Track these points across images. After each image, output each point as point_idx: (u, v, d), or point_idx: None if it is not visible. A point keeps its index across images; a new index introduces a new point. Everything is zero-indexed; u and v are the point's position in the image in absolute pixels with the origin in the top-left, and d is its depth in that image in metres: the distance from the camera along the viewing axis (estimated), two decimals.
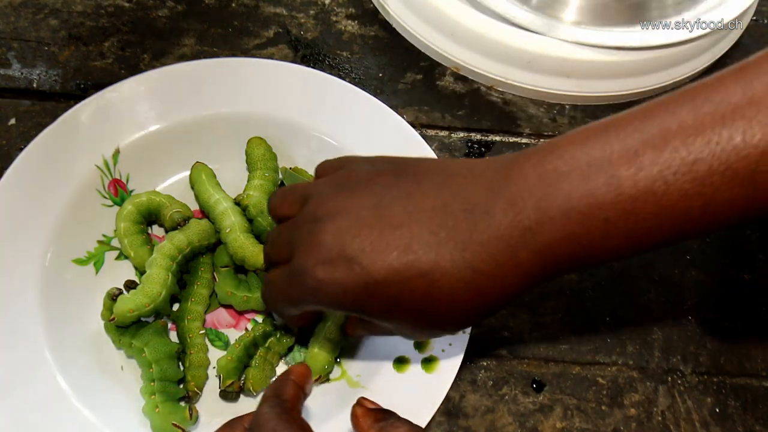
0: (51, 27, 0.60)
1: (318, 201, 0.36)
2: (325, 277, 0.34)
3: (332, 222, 0.34)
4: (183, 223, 0.48)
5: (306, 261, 0.35)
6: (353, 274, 0.33)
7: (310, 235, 0.35)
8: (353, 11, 0.64)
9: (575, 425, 0.46)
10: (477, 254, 0.32)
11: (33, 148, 0.48)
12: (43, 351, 0.43)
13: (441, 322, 0.35)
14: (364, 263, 0.33)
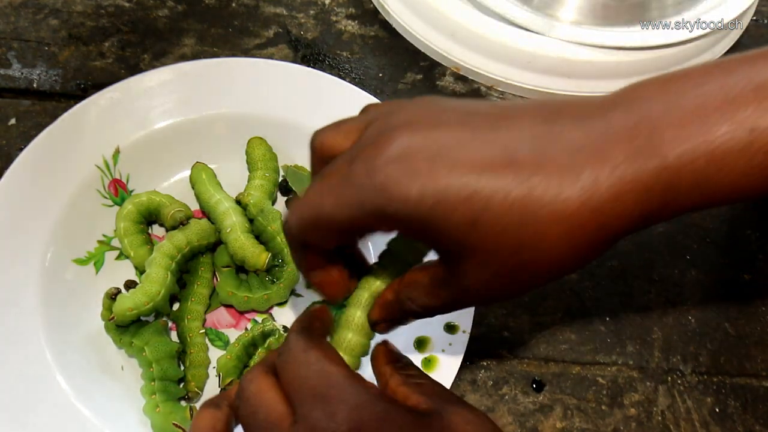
0: (51, 27, 0.61)
1: (386, 117, 0.30)
2: (398, 173, 0.27)
3: (409, 126, 0.28)
4: (185, 223, 0.48)
5: (375, 157, 0.28)
6: (434, 172, 0.26)
7: (381, 136, 0.28)
8: (353, 11, 0.64)
9: (575, 425, 0.46)
10: (591, 164, 0.26)
11: (33, 148, 0.48)
12: (44, 351, 0.43)
13: (535, 254, 0.27)
14: (449, 159, 0.26)
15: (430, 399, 0.29)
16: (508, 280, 0.28)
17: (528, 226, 0.26)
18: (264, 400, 0.28)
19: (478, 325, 0.48)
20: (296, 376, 0.28)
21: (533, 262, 0.27)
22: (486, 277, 0.28)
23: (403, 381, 0.31)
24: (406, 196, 0.27)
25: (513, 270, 0.27)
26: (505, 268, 0.27)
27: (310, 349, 0.29)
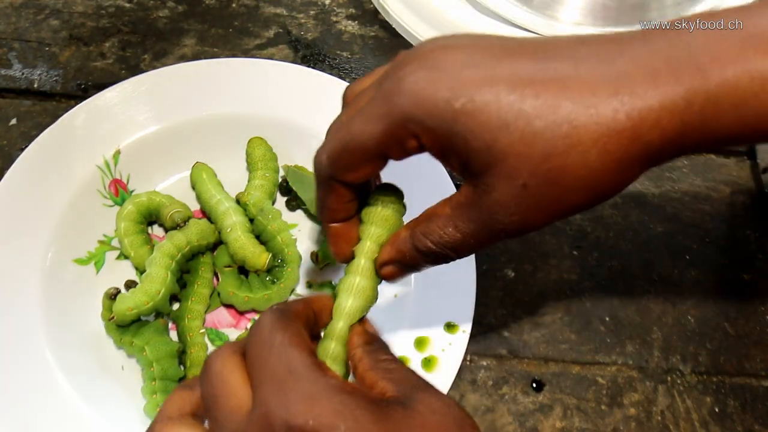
0: (52, 27, 0.61)
1: (415, 47, 0.29)
2: (427, 78, 0.26)
3: (440, 46, 0.28)
4: (183, 224, 0.48)
5: (404, 69, 0.27)
6: (464, 77, 0.26)
7: (409, 55, 0.28)
8: (353, 12, 0.64)
9: (575, 425, 0.46)
10: (631, 84, 0.25)
11: (34, 148, 0.48)
12: (44, 350, 0.43)
13: (567, 160, 0.25)
14: (480, 67, 0.26)
15: (396, 386, 0.27)
16: (538, 194, 0.26)
17: (560, 129, 0.25)
18: (226, 383, 0.27)
19: (478, 325, 0.48)
20: (258, 357, 0.27)
21: (564, 171, 0.26)
22: (515, 190, 0.26)
23: (371, 365, 0.29)
24: (435, 98, 0.26)
25: (543, 182, 0.26)
26: (534, 179, 0.26)
27: (276, 331, 0.27)
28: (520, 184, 0.26)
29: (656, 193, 0.55)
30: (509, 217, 0.27)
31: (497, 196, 0.27)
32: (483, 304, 0.49)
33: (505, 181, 0.26)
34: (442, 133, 0.26)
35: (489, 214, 0.28)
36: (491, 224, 0.28)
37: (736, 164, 0.57)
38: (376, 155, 0.29)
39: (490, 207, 0.27)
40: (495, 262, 0.51)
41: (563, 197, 0.26)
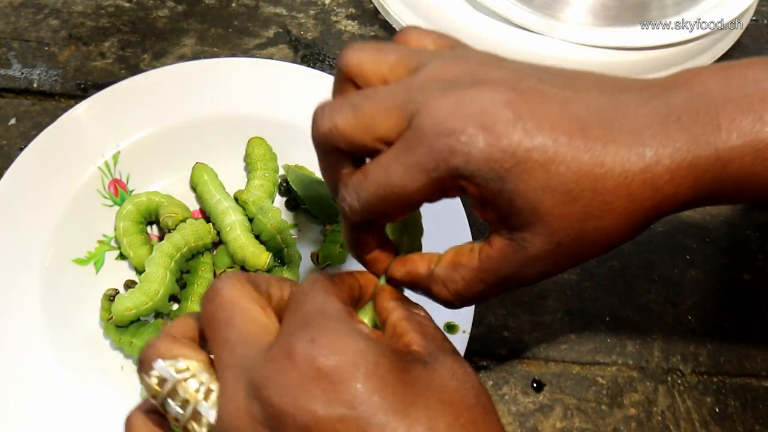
0: (51, 27, 0.61)
1: (443, 65, 0.28)
2: (478, 131, 0.26)
3: (475, 86, 0.27)
4: (172, 229, 0.48)
5: (449, 113, 0.26)
6: (514, 132, 0.26)
7: (450, 90, 0.27)
8: (353, 11, 0.64)
9: (575, 425, 0.46)
10: (655, 142, 0.26)
11: (33, 148, 0.48)
12: (44, 351, 0.43)
13: (599, 224, 0.27)
14: (529, 119, 0.26)
15: (424, 341, 0.28)
16: (568, 250, 0.27)
17: (597, 196, 0.26)
18: (245, 310, 0.26)
19: (478, 325, 0.48)
20: (294, 300, 0.27)
21: (596, 232, 0.27)
22: (550, 247, 0.27)
23: (405, 316, 0.29)
24: (488, 155, 0.26)
25: (575, 239, 0.27)
26: (568, 237, 0.27)
27: (318, 282, 0.27)
28: (556, 242, 0.27)
29: None
30: (536, 270, 0.28)
31: (533, 252, 0.27)
32: (483, 304, 0.49)
33: (542, 239, 0.27)
34: (489, 189, 0.27)
35: (519, 268, 0.28)
36: (518, 277, 0.29)
37: None
38: (419, 204, 0.29)
39: (523, 262, 0.28)
40: None
41: (588, 252, 0.28)
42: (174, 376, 0.26)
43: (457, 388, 0.26)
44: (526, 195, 0.26)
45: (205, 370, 0.26)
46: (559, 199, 0.26)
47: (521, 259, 0.28)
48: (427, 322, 0.29)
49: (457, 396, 0.25)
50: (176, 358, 0.26)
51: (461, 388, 0.26)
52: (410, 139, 0.27)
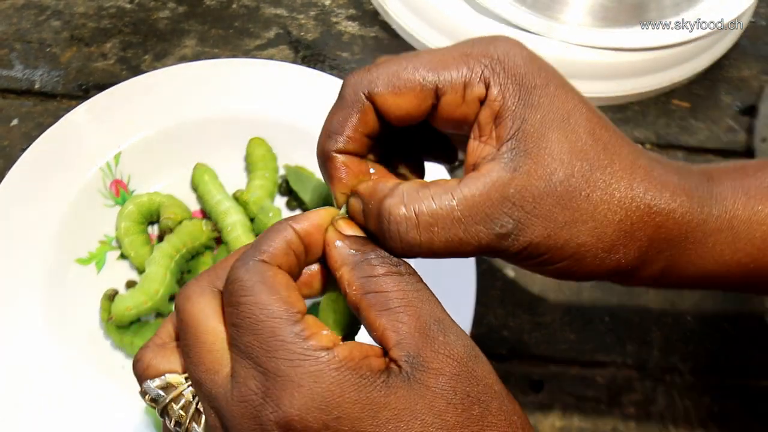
0: (53, 28, 0.61)
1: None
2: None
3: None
4: (169, 232, 0.48)
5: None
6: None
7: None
8: (353, 12, 0.64)
9: (574, 424, 0.46)
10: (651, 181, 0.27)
11: (35, 148, 0.48)
12: (45, 350, 0.43)
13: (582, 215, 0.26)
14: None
15: (399, 338, 0.24)
16: (558, 201, 0.27)
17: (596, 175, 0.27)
18: (201, 336, 0.25)
19: (478, 325, 0.48)
20: (236, 316, 0.24)
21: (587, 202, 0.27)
22: (544, 183, 0.26)
23: (362, 289, 0.25)
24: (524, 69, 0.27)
25: (568, 191, 0.27)
26: (564, 182, 0.27)
27: (247, 292, 0.24)
28: (554, 180, 0.26)
29: None
30: (516, 213, 0.26)
31: (528, 181, 0.26)
32: (483, 304, 0.49)
33: (541, 171, 0.26)
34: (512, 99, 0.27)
35: (503, 205, 0.26)
36: (497, 222, 0.26)
37: None
38: None
39: (511, 196, 0.26)
40: (495, 261, 0.51)
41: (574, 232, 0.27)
42: (162, 396, 0.26)
43: (446, 398, 0.23)
44: (544, 120, 0.26)
45: (191, 385, 0.26)
46: (568, 145, 0.26)
47: (510, 193, 0.25)
48: (391, 285, 0.25)
49: (446, 404, 0.23)
50: (163, 376, 0.26)
51: (451, 398, 0.23)
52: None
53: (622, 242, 0.27)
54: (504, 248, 0.26)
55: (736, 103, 0.61)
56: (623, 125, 0.59)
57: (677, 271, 0.29)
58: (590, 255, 0.27)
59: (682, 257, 0.29)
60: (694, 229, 0.28)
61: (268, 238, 0.26)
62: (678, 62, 0.59)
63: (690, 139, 0.58)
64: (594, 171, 0.26)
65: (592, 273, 0.28)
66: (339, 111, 0.28)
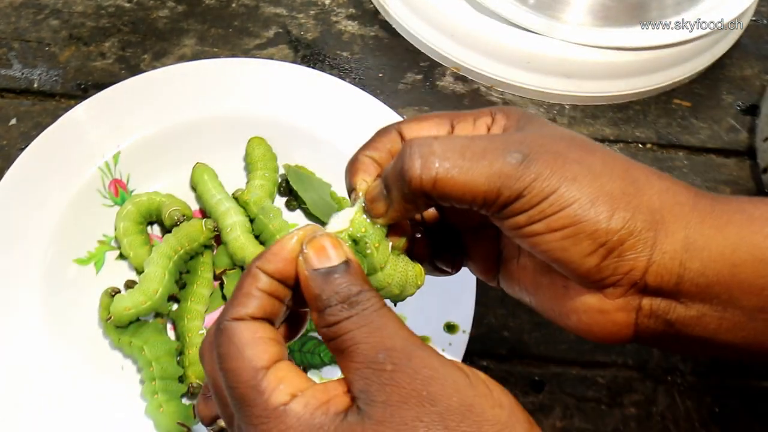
0: (52, 27, 0.61)
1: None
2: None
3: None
4: (181, 221, 0.48)
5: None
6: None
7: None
8: (353, 11, 0.64)
9: (575, 425, 0.46)
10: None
11: (34, 148, 0.48)
12: (44, 350, 0.43)
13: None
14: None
15: (352, 374, 0.25)
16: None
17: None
18: (216, 383, 0.27)
19: (478, 325, 0.48)
20: (213, 385, 0.26)
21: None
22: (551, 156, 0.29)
23: (325, 338, 0.26)
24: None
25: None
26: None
27: (223, 360, 0.26)
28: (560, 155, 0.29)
29: None
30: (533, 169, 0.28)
31: (533, 137, 0.29)
32: (483, 304, 0.49)
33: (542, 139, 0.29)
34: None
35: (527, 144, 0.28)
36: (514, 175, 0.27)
37: (736, 164, 0.57)
38: None
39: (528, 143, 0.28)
40: None
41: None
42: None
43: (398, 429, 0.24)
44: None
45: None
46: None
47: (519, 136, 0.29)
48: (348, 325, 0.25)
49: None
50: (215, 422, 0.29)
51: (403, 426, 0.24)
52: None
53: (624, 201, 0.28)
54: (513, 177, 0.27)
55: (737, 103, 0.60)
56: (624, 125, 0.59)
57: (701, 249, 0.28)
58: (589, 215, 0.27)
59: (702, 230, 0.28)
60: (702, 204, 0.28)
61: (240, 290, 0.27)
62: (679, 61, 0.59)
63: (691, 139, 0.58)
64: (588, 143, 0.29)
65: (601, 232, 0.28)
66: (373, 136, 0.32)
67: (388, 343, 0.25)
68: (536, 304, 0.32)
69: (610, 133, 0.58)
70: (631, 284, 0.28)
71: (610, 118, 0.59)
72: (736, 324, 0.28)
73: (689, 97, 0.61)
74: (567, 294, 0.30)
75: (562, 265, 0.28)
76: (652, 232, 0.28)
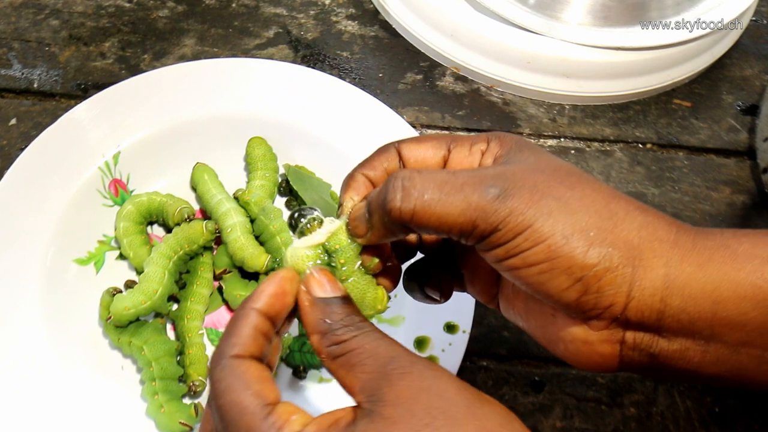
0: (52, 27, 0.61)
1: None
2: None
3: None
4: (191, 218, 0.48)
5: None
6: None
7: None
8: (353, 12, 0.64)
9: (575, 425, 0.46)
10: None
11: (33, 148, 0.48)
12: (44, 350, 0.43)
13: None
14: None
15: (362, 381, 0.26)
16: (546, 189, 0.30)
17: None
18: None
19: (478, 325, 0.48)
20: (218, 421, 0.27)
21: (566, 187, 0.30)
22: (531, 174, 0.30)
23: (329, 354, 0.28)
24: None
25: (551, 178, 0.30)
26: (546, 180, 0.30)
27: (224, 394, 0.27)
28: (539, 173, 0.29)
29: (656, 193, 0.55)
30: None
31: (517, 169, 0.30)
32: (483, 304, 0.49)
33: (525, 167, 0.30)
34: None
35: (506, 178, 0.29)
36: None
37: (736, 164, 0.57)
38: None
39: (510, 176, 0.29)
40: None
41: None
42: None
43: (408, 424, 0.25)
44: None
45: None
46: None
47: (500, 170, 0.29)
48: (355, 346, 0.27)
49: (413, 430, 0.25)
50: None
51: (411, 421, 0.25)
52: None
53: (600, 236, 0.28)
54: (488, 210, 0.28)
55: (737, 103, 0.60)
56: (624, 125, 0.59)
57: (682, 286, 0.28)
58: (563, 250, 0.27)
59: (682, 266, 0.28)
60: (683, 239, 0.28)
61: (235, 328, 0.28)
62: (679, 61, 0.59)
63: (691, 139, 0.58)
64: (571, 175, 0.30)
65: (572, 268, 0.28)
66: (372, 154, 0.33)
67: (393, 353, 0.27)
68: (528, 330, 0.33)
69: (610, 133, 0.58)
70: (612, 318, 0.28)
71: (610, 118, 0.59)
72: (719, 358, 0.28)
73: (689, 97, 0.61)
74: (555, 322, 0.30)
75: (543, 297, 0.29)
76: (630, 267, 0.28)
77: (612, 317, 0.28)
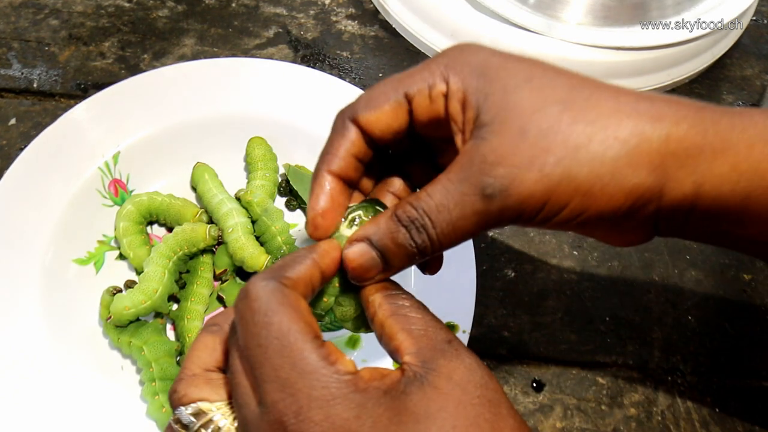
0: (51, 27, 0.61)
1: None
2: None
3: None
4: (222, 242, 0.48)
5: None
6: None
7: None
8: (353, 11, 0.64)
9: (575, 425, 0.46)
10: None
11: (33, 148, 0.48)
12: (44, 350, 0.43)
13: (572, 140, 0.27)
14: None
15: (415, 345, 0.27)
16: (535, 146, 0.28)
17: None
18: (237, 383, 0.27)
19: (478, 325, 0.48)
20: (256, 347, 0.25)
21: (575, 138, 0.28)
22: (510, 140, 0.28)
23: (392, 311, 0.28)
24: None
25: (542, 133, 0.28)
26: (535, 127, 0.28)
27: (273, 314, 0.25)
28: (517, 126, 0.27)
29: None
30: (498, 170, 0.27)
31: (493, 146, 0.27)
32: (483, 304, 0.49)
33: (505, 130, 0.27)
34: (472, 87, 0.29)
35: (481, 170, 0.27)
36: (479, 181, 0.27)
37: None
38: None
39: (484, 160, 0.27)
40: (495, 262, 0.51)
41: (560, 166, 0.27)
42: (194, 422, 0.27)
43: (459, 399, 0.25)
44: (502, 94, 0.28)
45: (224, 413, 0.27)
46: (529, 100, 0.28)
47: (485, 158, 0.27)
48: (415, 315, 0.28)
49: (459, 408, 0.25)
50: (195, 403, 0.28)
51: (462, 398, 0.25)
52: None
53: (625, 163, 0.27)
54: (501, 208, 0.27)
55: (737, 103, 0.60)
56: None
57: (712, 190, 0.27)
58: (596, 186, 0.27)
59: (712, 171, 0.27)
60: (711, 140, 0.27)
61: (290, 265, 0.28)
62: (679, 61, 0.59)
63: None
64: (570, 110, 0.27)
65: (614, 207, 0.27)
66: (330, 137, 0.31)
67: (450, 337, 0.27)
68: None
69: None
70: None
71: None
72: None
73: (690, 96, 0.61)
74: None
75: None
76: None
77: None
